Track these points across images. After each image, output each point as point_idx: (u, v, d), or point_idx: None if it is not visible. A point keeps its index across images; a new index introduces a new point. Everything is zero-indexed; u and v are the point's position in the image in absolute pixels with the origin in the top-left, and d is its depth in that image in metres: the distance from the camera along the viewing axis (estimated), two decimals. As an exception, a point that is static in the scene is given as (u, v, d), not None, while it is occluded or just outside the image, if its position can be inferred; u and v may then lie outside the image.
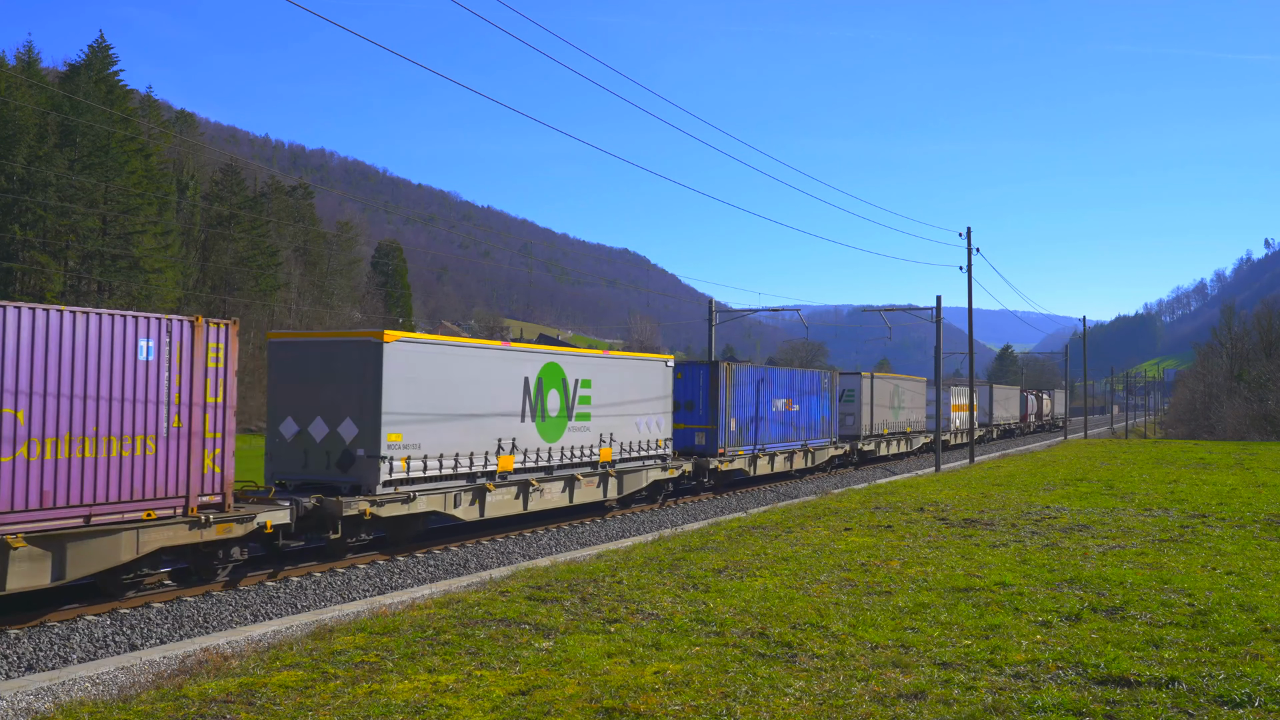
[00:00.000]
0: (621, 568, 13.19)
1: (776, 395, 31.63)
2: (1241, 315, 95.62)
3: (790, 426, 32.74)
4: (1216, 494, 23.16)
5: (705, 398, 27.88)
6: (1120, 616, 10.13)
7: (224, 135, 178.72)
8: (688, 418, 27.87)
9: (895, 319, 46.51)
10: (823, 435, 35.73)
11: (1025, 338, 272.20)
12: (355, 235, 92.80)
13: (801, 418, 33.62)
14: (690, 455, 27.51)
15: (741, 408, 29.18)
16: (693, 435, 27.86)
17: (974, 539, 15.74)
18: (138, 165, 57.20)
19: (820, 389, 35.55)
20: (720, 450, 28.10)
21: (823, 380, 36.00)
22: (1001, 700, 7.38)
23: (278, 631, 10.60)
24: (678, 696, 7.45)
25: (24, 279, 52.11)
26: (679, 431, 27.48)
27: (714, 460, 27.70)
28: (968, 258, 42.37)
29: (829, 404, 36.29)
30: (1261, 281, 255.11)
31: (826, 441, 36.18)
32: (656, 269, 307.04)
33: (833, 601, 10.87)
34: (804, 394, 33.91)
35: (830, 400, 36.40)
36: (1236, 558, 13.81)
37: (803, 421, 33.76)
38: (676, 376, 26.97)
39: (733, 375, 28.66)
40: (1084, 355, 75.84)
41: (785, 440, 32.37)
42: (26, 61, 60.12)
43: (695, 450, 27.78)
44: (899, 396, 45.23)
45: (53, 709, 7.74)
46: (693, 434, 27.86)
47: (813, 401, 34.64)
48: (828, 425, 36.34)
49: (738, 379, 28.96)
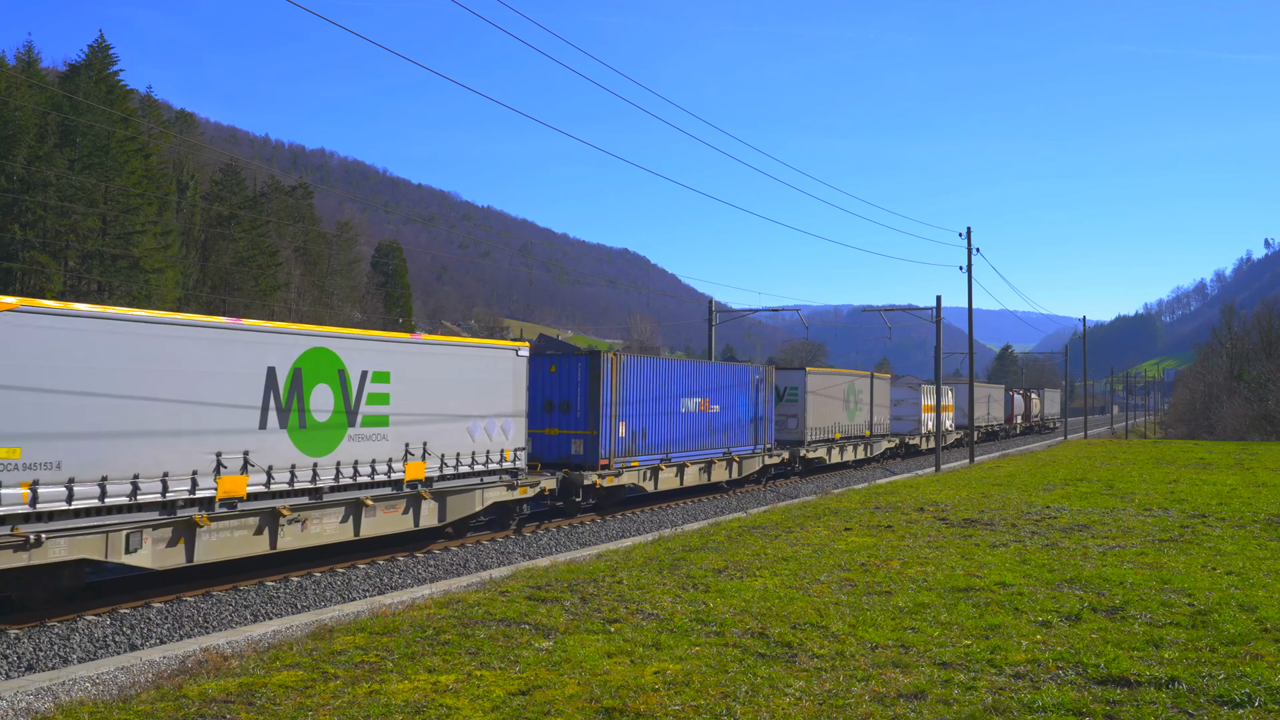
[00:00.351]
0: (621, 568, 13.19)
1: (687, 393, 26.76)
2: (1241, 315, 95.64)
3: (707, 431, 27.83)
4: (1216, 494, 23.16)
5: (583, 396, 23.16)
6: (1120, 616, 10.13)
7: (224, 135, 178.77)
8: (563, 421, 23.26)
9: (895, 319, 46.49)
10: (753, 441, 30.91)
11: (1025, 338, 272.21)
12: (355, 235, 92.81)
13: (723, 420, 28.81)
14: (565, 468, 22.87)
15: (636, 408, 24.42)
16: (568, 443, 23.08)
17: (974, 539, 15.74)
18: (138, 165, 57.18)
19: (748, 385, 30.68)
20: (603, 461, 23.15)
21: (752, 376, 31.01)
22: (1001, 700, 7.38)
23: (278, 631, 10.59)
24: (678, 696, 7.45)
25: (24, 279, 52.10)
26: (552, 439, 23.22)
27: (593, 474, 22.67)
28: (968, 258, 42.37)
29: (761, 404, 31.37)
30: (1261, 281, 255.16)
31: (758, 448, 31.29)
32: (656, 269, 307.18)
33: (833, 601, 10.87)
34: (726, 392, 29.12)
35: (762, 399, 31.46)
36: (1236, 558, 13.81)
37: (724, 424, 28.91)
38: (550, 370, 23.27)
39: (622, 369, 23.92)
40: (1084, 355, 75.82)
41: (701, 448, 27.58)
42: (26, 61, 60.12)
43: (572, 462, 23.07)
44: (855, 395, 40.34)
45: (53, 709, 7.74)
46: (568, 441, 23.08)
47: (739, 401, 29.84)
48: (760, 429, 31.38)
49: (630, 374, 24.26)
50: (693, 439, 27.15)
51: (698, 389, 27.43)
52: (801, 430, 34.88)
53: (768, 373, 32.22)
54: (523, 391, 20.35)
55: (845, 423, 38.95)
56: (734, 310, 52.25)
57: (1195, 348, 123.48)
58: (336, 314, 75.77)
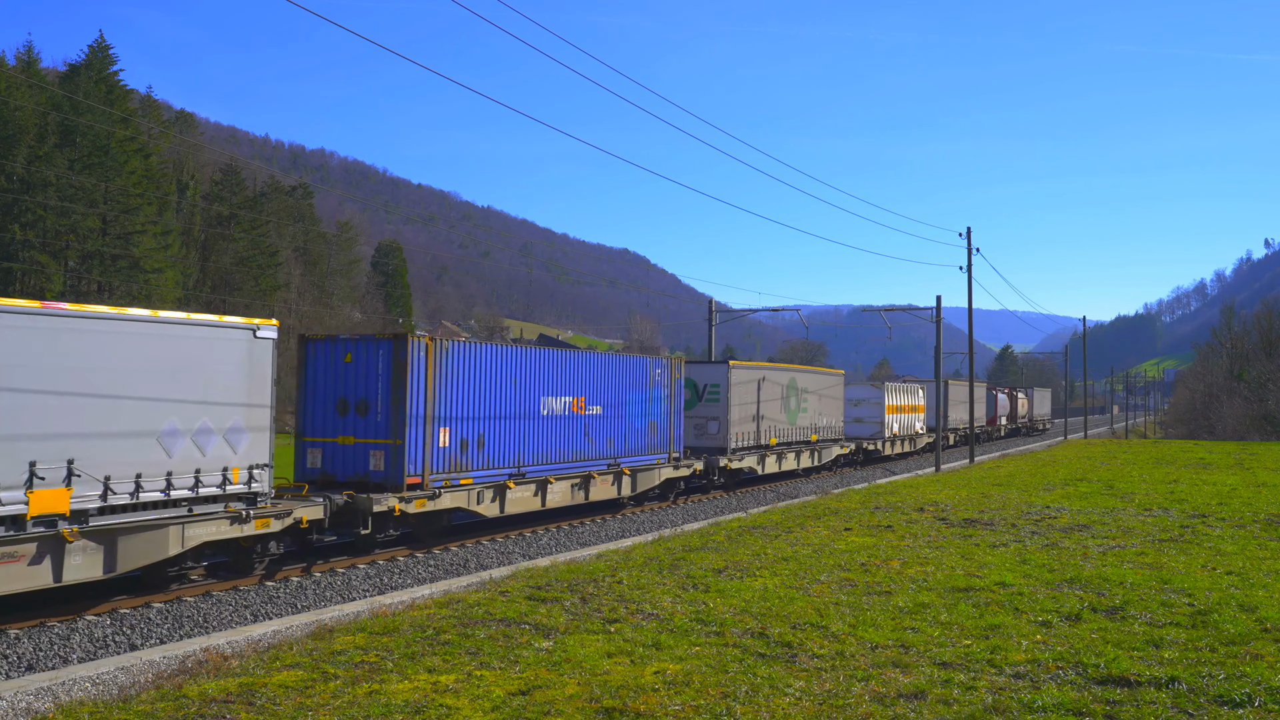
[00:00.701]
0: (621, 568, 13.19)
1: (552, 390, 21.55)
2: (1241, 315, 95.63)
3: (583, 438, 22.44)
4: (1216, 494, 23.16)
5: (385, 394, 17.73)
6: (1120, 616, 10.13)
7: (224, 135, 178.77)
8: (360, 427, 17.82)
9: (895, 319, 46.50)
10: (655, 450, 25.45)
11: (1025, 338, 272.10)
12: (355, 235, 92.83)
13: (608, 425, 23.40)
14: (355, 488, 17.41)
15: (468, 409, 19.11)
16: (365, 456, 17.73)
17: (974, 539, 15.74)
18: (138, 165, 57.18)
19: (645, 382, 25.07)
20: (412, 479, 17.59)
21: (649, 371, 25.37)
22: (1001, 700, 7.38)
23: (278, 631, 10.59)
24: (678, 696, 7.45)
25: (24, 279, 52.11)
26: (346, 450, 17.87)
27: (392, 498, 17.15)
28: (968, 258, 42.38)
29: (664, 404, 25.76)
30: (1261, 281, 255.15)
31: (660, 458, 25.74)
32: (656, 269, 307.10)
33: (833, 601, 10.87)
34: (613, 390, 23.67)
35: (666, 399, 25.93)
36: (1236, 558, 13.81)
37: (611, 430, 23.50)
38: (344, 359, 18.08)
39: (444, 358, 18.54)
40: (1084, 355, 75.82)
41: (576, 459, 22.24)
42: (26, 61, 60.11)
43: (370, 480, 17.57)
44: (799, 394, 34.92)
45: (53, 709, 7.74)
46: (365, 453, 17.73)
47: (631, 401, 24.41)
48: (663, 434, 25.81)
49: (458, 364, 18.92)
50: (562, 448, 21.76)
51: (569, 386, 22.06)
52: (724, 435, 29.28)
53: (674, 367, 26.71)
54: (266, 387, 15.19)
55: (785, 425, 33.59)
56: (734, 310, 52.27)
57: (1195, 348, 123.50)
58: (336, 314, 75.79)
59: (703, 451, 29.10)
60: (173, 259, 59.95)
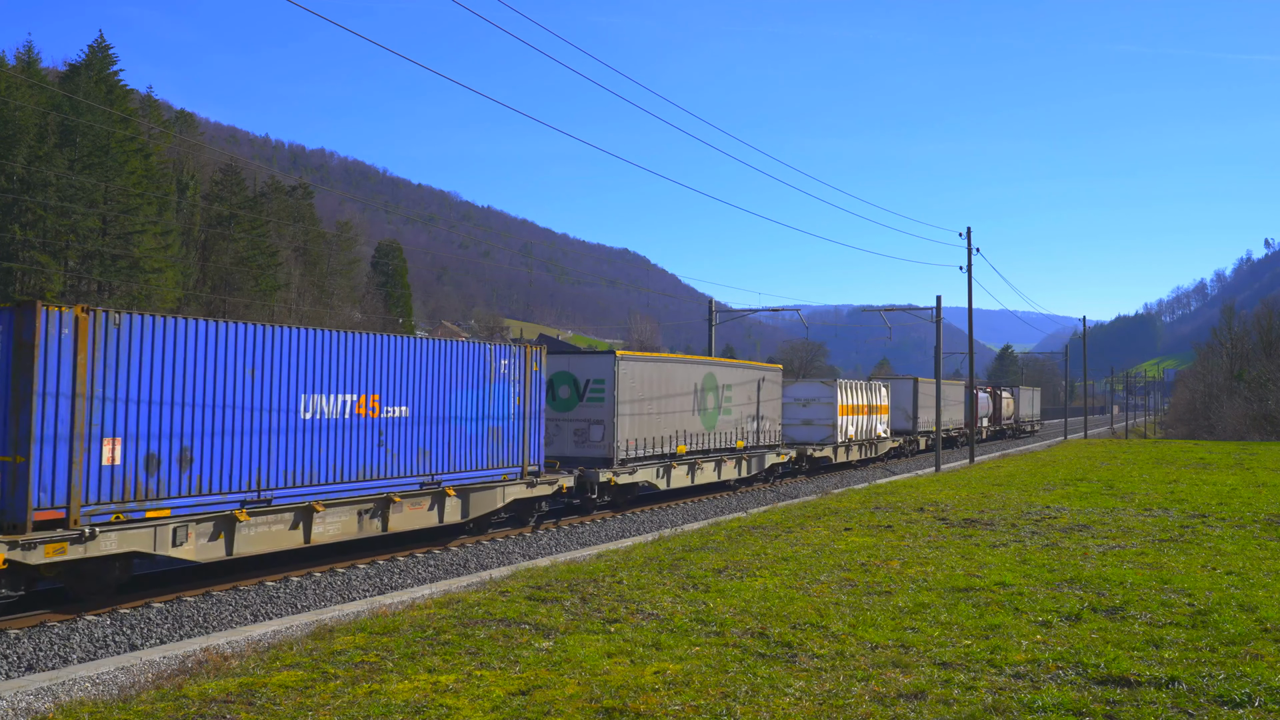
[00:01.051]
0: (621, 568, 13.19)
1: (320, 387, 16.26)
2: (1241, 315, 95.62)
3: (379, 450, 17.24)
4: (1216, 494, 23.16)
5: (4, 391, 12.40)
6: (1120, 616, 10.13)
7: (224, 135, 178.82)
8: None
9: (895, 319, 46.53)
10: (500, 463, 19.99)
11: (1025, 338, 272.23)
12: (355, 235, 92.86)
13: (422, 433, 18.09)
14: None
15: (166, 411, 13.89)
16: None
17: (974, 539, 15.74)
18: (138, 165, 57.19)
19: (487, 377, 19.64)
20: (46, 514, 12.32)
21: (491, 361, 19.80)
22: (1001, 700, 7.38)
23: (278, 631, 10.60)
24: (678, 696, 7.45)
25: (24, 279, 52.12)
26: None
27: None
28: (968, 258, 42.38)
29: (518, 406, 20.42)
30: (1261, 281, 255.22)
31: (509, 474, 20.24)
32: (656, 269, 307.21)
33: (833, 601, 10.87)
34: (432, 387, 18.37)
35: (521, 399, 20.54)
36: (1236, 558, 13.81)
37: (428, 440, 18.20)
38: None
39: (111, 340, 13.20)
40: (1084, 355, 75.82)
41: (365, 479, 16.98)
42: (26, 61, 60.13)
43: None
44: (719, 393, 29.26)
45: (53, 709, 7.74)
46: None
47: (462, 401, 19.02)
48: (514, 445, 20.30)
49: (139, 347, 13.56)
50: (340, 464, 16.53)
51: (351, 380, 16.77)
52: (610, 443, 23.76)
53: (529, 356, 20.86)
54: None
55: (699, 430, 28.15)
56: (734, 310, 52.28)
57: (1195, 348, 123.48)
58: (336, 314, 75.81)
59: (583, 463, 23.41)
60: (173, 259, 59.96)
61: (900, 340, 70.19)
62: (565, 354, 24.95)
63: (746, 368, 32.79)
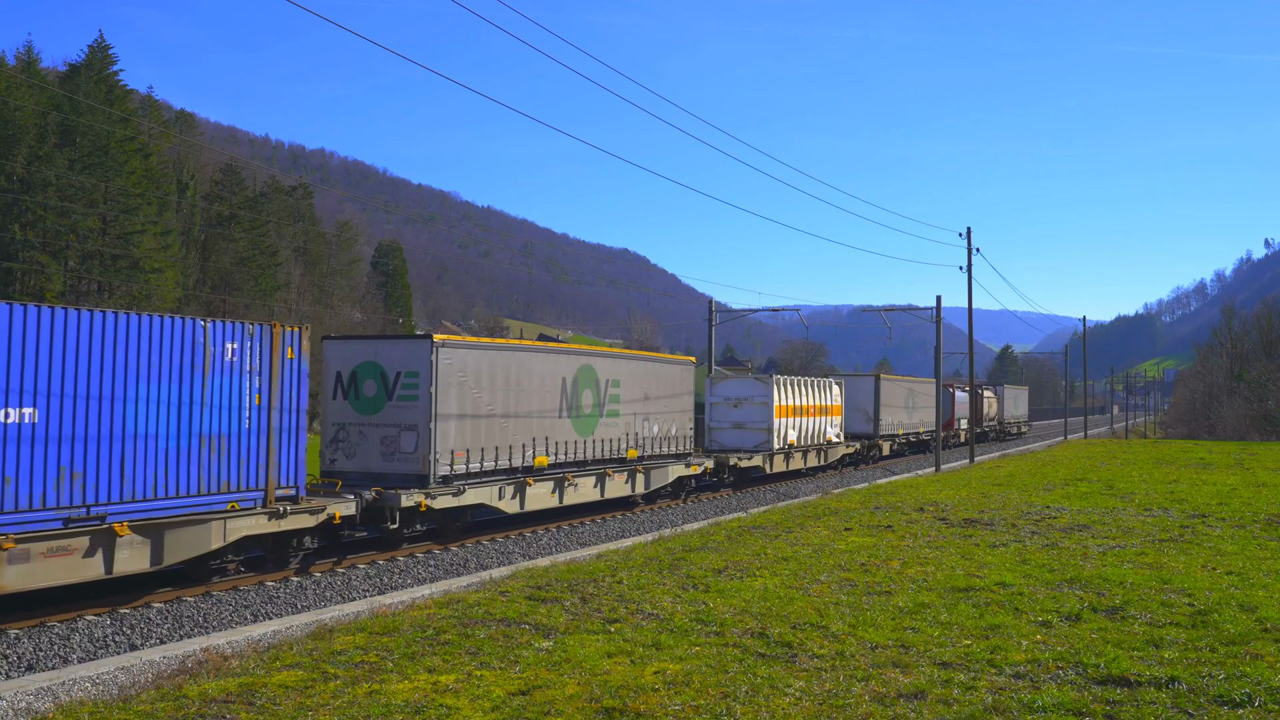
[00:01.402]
0: (621, 568, 13.20)
1: None
2: (1241, 315, 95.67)
3: None
4: (1216, 494, 23.16)
5: None
6: (1120, 616, 10.13)
7: (224, 135, 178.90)
8: None
9: (895, 319, 46.50)
10: (224, 486, 14.55)
11: (1025, 338, 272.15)
12: (355, 235, 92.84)
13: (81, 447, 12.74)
14: None
15: None
16: None
17: (974, 539, 15.75)
18: (138, 165, 57.20)
19: (200, 366, 14.29)
20: None
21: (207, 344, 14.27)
22: (1001, 700, 7.38)
23: (278, 631, 10.60)
24: (678, 696, 7.45)
25: (24, 279, 52.12)
26: None
27: None
28: (968, 258, 42.39)
29: (256, 407, 15.03)
30: (1261, 281, 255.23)
31: (241, 500, 14.80)
32: (656, 269, 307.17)
33: (833, 601, 10.87)
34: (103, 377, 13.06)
35: (265, 395, 15.17)
36: (1236, 558, 13.81)
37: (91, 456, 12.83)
38: None
39: None
40: (1084, 355, 75.85)
41: None
42: (26, 61, 60.11)
43: None
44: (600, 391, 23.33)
45: (53, 709, 7.74)
46: None
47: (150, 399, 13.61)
48: (252, 460, 14.97)
49: None
50: None
51: None
52: (426, 454, 18.09)
53: (278, 336, 15.34)
54: None
55: (569, 437, 22.15)
56: (734, 310, 52.32)
57: (1195, 348, 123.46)
58: (336, 314, 75.85)
59: (391, 481, 18.05)
60: (173, 259, 59.98)
61: (900, 340, 69.40)
62: (370, 340, 19.50)
63: (645, 360, 26.49)
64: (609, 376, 23.85)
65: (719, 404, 32.91)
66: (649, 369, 26.06)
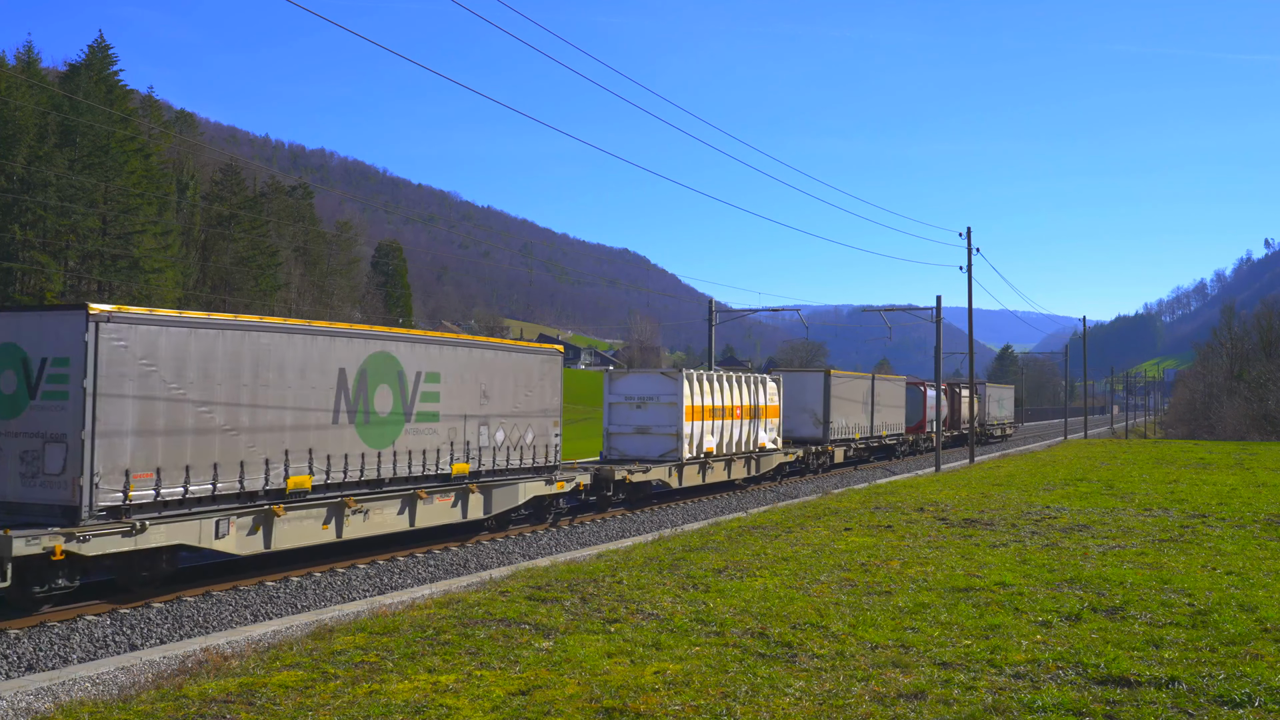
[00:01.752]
0: (621, 568, 13.19)
1: None
2: (1241, 315, 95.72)
3: None
4: (1216, 494, 23.17)
5: None
6: (1120, 616, 10.13)
7: (224, 135, 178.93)
8: None
9: (895, 319, 46.40)
10: None
11: (1025, 338, 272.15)
12: (355, 235, 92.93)
13: None
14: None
15: None
16: None
17: (974, 539, 15.75)
18: (138, 165, 57.22)
19: None
20: None
21: None
22: (1001, 700, 7.38)
23: (278, 631, 10.60)
24: (678, 696, 7.45)
25: (24, 279, 52.15)
26: None
27: None
28: (968, 258, 42.40)
29: None
30: (1261, 281, 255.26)
31: None
32: (656, 269, 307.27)
33: (833, 601, 10.87)
34: None
35: None
36: (1236, 558, 13.81)
37: None
38: None
39: None
40: (1084, 355, 75.84)
41: None
42: (26, 61, 60.12)
43: None
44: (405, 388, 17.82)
45: (53, 709, 7.74)
46: None
47: None
48: None
49: None
50: None
51: None
52: (78, 475, 12.75)
53: None
54: None
55: (352, 450, 16.70)
56: (734, 310, 52.28)
57: (1195, 348, 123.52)
58: (336, 314, 75.86)
59: (32, 514, 12.99)
60: (173, 259, 60.01)
61: (900, 340, 68.78)
62: (8, 314, 14.11)
63: (482, 347, 20.31)
64: (421, 369, 18.16)
65: (619, 404, 27.34)
66: (489, 359, 20.18)
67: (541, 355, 22.05)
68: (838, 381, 38.01)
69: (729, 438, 29.37)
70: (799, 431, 36.74)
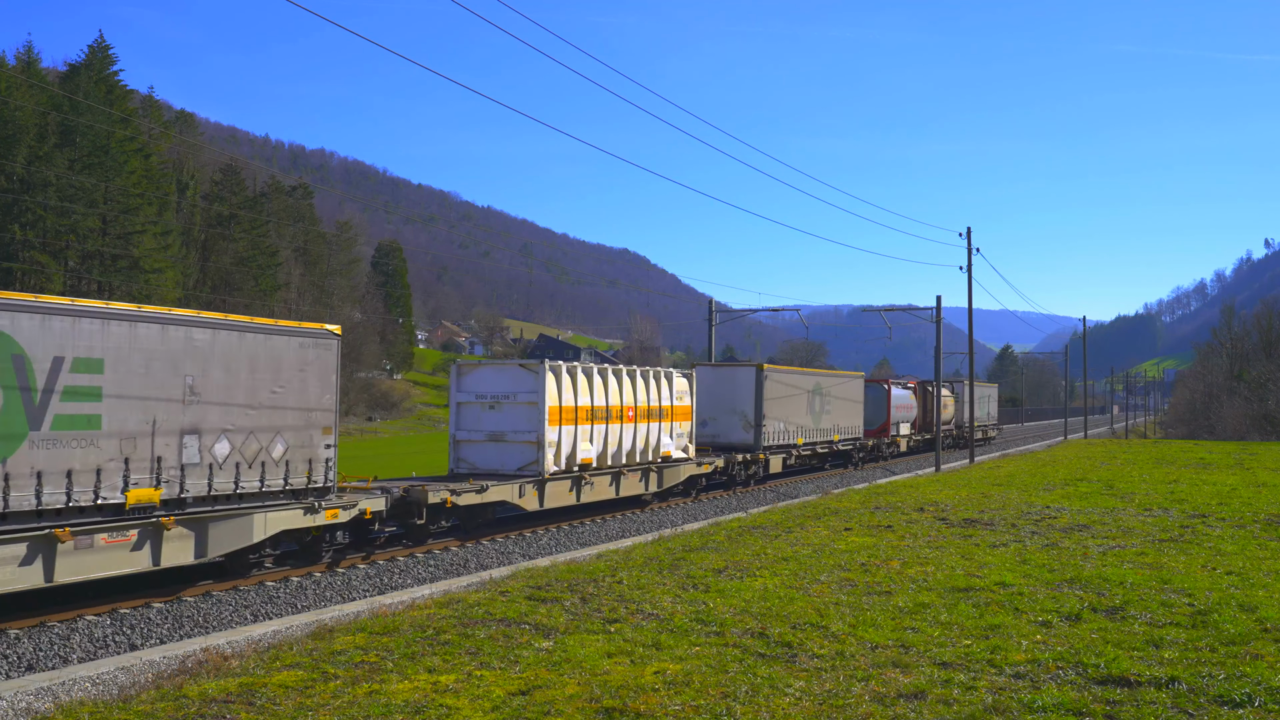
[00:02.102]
0: (621, 568, 13.19)
1: None
2: (1241, 315, 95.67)
3: None
4: (1216, 494, 23.16)
5: None
6: (1120, 616, 10.13)
7: (224, 135, 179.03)
8: None
9: (895, 319, 46.39)
10: None
11: (1025, 338, 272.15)
12: (355, 235, 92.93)
13: None
14: None
15: None
16: None
17: (974, 539, 15.74)
18: (137, 165, 57.23)
19: None
20: None
21: None
22: (1001, 700, 7.38)
23: (278, 631, 10.60)
24: (678, 696, 7.45)
25: (24, 279, 52.13)
26: None
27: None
28: (968, 258, 42.40)
29: None
30: (1261, 281, 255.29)
31: None
32: (656, 269, 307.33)
33: (833, 601, 10.87)
34: None
35: None
36: (1236, 558, 13.81)
37: None
38: None
39: None
40: (1084, 355, 75.86)
41: None
42: (26, 61, 60.13)
43: None
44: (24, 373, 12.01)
45: (53, 709, 7.74)
46: None
47: None
48: None
49: None
50: None
51: None
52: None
53: None
54: None
55: None
56: (734, 310, 52.29)
57: (1195, 348, 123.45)
58: (336, 314, 75.89)
59: None
60: (173, 259, 60.02)
61: (900, 340, 68.47)
62: None
63: (186, 323, 14.30)
64: (63, 354, 12.62)
65: (470, 404, 22.06)
66: (203, 343, 14.45)
67: (300, 338, 16.11)
68: (775, 378, 32.57)
69: (618, 446, 24.08)
70: (728, 437, 31.43)
